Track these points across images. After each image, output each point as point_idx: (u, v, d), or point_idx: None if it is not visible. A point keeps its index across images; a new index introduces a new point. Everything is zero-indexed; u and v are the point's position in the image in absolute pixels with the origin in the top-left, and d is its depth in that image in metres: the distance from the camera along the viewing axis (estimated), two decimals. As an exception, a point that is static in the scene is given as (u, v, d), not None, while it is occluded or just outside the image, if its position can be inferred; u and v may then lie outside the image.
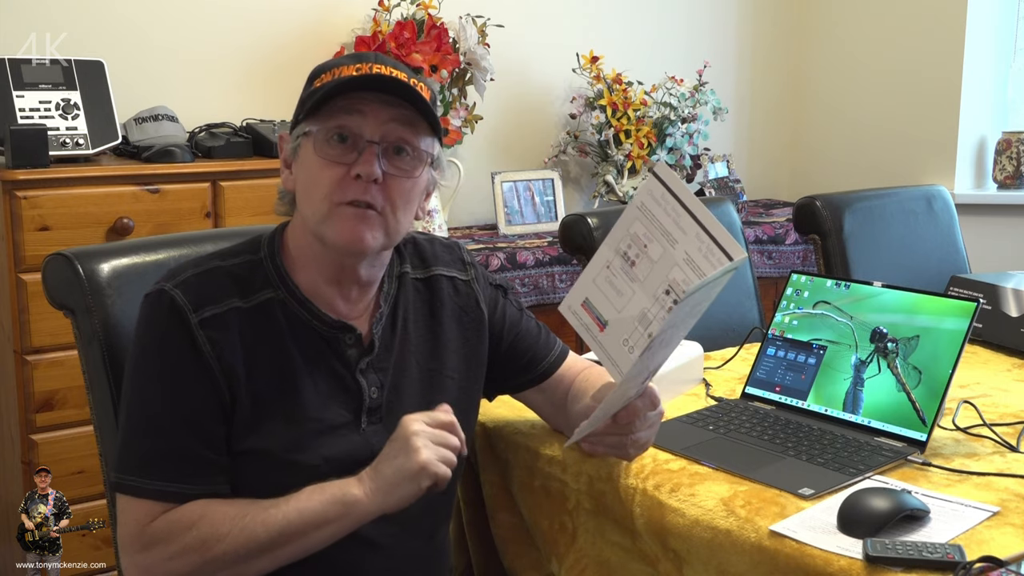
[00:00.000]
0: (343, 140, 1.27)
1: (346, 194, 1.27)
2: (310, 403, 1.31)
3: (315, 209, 1.28)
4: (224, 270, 1.31)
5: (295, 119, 1.33)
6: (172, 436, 1.25)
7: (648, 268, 1.17)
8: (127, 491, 1.26)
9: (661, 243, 1.15)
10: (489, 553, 1.67)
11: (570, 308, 1.27)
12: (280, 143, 1.37)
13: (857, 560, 1.17)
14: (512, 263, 2.95)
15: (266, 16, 3.04)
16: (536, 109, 3.58)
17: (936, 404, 1.53)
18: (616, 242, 1.21)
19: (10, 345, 2.36)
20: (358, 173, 1.26)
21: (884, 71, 3.92)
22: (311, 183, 1.29)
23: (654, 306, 1.16)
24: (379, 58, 1.31)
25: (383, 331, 1.38)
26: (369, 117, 1.27)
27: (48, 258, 1.48)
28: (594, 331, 1.24)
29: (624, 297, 1.20)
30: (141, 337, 1.30)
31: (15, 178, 2.31)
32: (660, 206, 1.16)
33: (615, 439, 1.28)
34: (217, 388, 1.26)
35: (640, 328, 1.17)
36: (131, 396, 1.28)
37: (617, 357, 1.21)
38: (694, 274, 1.12)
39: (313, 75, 1.33)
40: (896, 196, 2.65)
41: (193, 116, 2.82)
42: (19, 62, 2.49)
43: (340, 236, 1.27)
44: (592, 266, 1.24)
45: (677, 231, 1.14)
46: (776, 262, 3.45)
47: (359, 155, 1.26)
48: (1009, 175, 3.73)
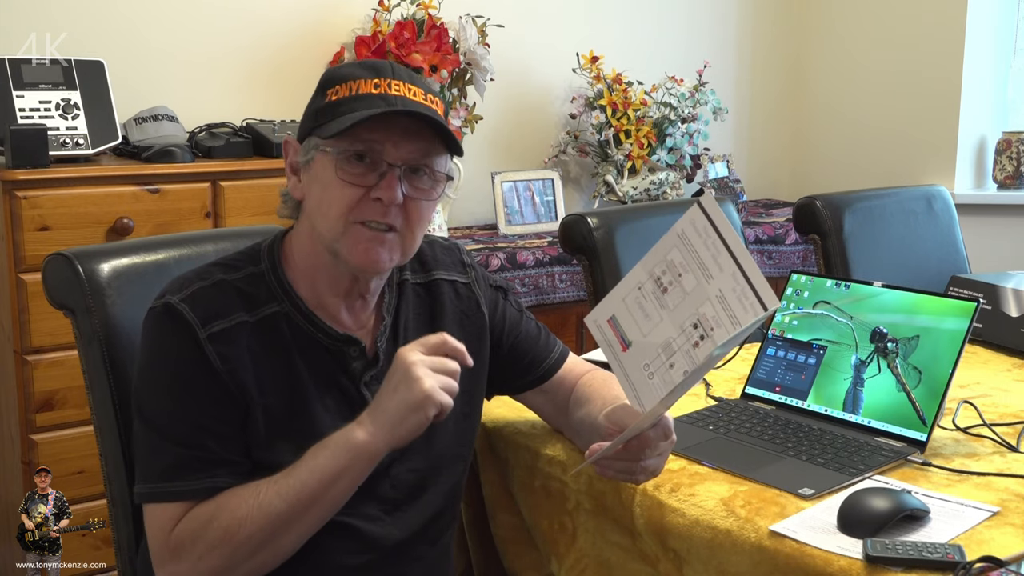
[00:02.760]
0: (363, 160, 1.26)
1: (363, 213, 1.26)
2: (319, 419, 1.30)
3: (330, 226, 1.27)
4: (229, 283, 1.30)
5: (307, 128, 1.31)
6: (192, 442, 1.24)
7: (680, 298, 1.17)
8: (155, 498, 1.25)
9: (696, 275, 1.16)
10: (489, 553, 1.67)
11: (595, 322, 1.27)
12: (285, 148, 1.35)
13: (857, 560, 1.17)
14: (512, 263, 2.95)
15: (266, 16, 3.04)
16: (536, 109, 3.58)
17: (936, 404, 1.53)
18: (651, 266, 1.21)
19: (10, 345, 2.36)
20: (379, 197, 1.26)
21: (884, 71, 3.92)
22: (328, 200, 1.27)
23: (680, 337, 1.16)
24: (395, 70, 1.30)
25: (386, 343, 1.37)
26: (389, 145, 1.26)
27: (48, 258, 1.48)
28: (616, 349, 1.24)
29: (651, 322, 1.20)
30: (150, 352, 1.28)
31: (15, 178, 2.31)
32: (701, 238, 1.16)
33: (625, 464, 1.28)
34: (232, 399, 1.25)
35: (663, 356, 1.18)
36: (145, 410, 1.27)
37: (636, 380, 1.21)
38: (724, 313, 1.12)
39: (325, 84, 1.31)
40: (896, 196, 2.65)
41: (193, 116, 2.82)
42: (19, 62, 2.49)
43: (356, 256, 1.27)
44: (624, 284, 1.24)
45: (714, 267, 1.14)
46: (776, 262, 3.45)
47: (380, 178, 1.26)
48: (1009, 175, 3.73)
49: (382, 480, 1.35)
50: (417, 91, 1.29)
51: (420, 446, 1.38)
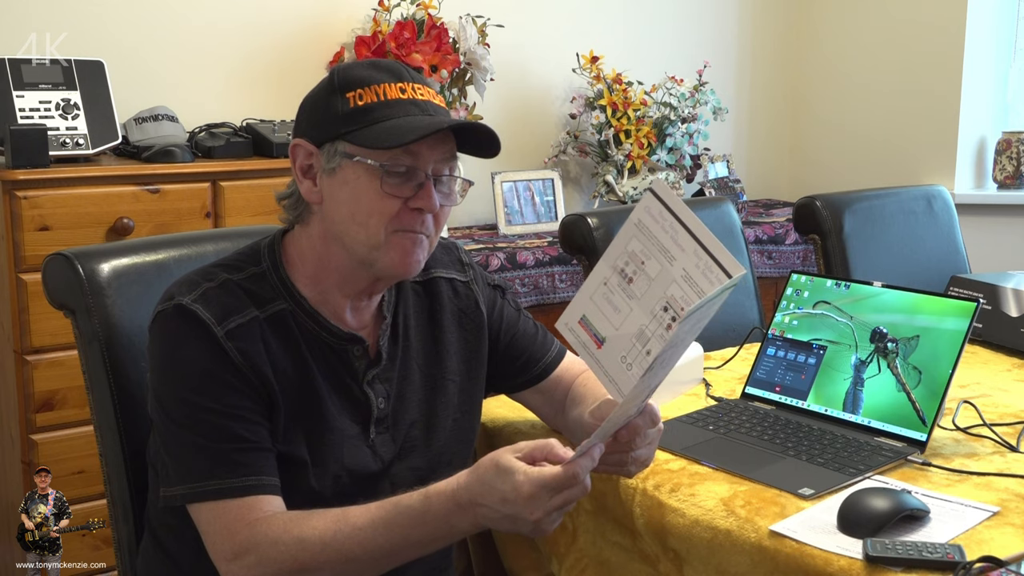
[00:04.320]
0: (400, 173, 1.27)
1: (403, 223, 1.28)
2: (329, 413, 1.31)
3: (369, 235, 1.27)
4: (234, 283, 1.30)
5: (330, 132, 1.28)
6: (226, 436, 1.23)
7: (646, 285, 1.17)
8: (199, 498, 1.23)
9: (659, 260, 1.16)
10: (489, 553, 1.67)
11: (567, 325, 1.26)
12: (295, 151, 1.31)
13: (857, 560, 1.17)
14: (512, 263, 2.95)
15: (266, 16, 3.04)
16: (536, 109, 3.58)
17: (936, 404, 1.53)
18: (613, 259, 1.21)
19: (10, 345, 2.36)
20: (420, 207, 1.27)
21: (884, 71, 3.92)
22: (365, 211, 1.27)
23: (652, 323, 1.16)
24: (413, 75, 1.31)
25: (387, 342, 1.38)
26: (425, 151, 1.27)
27: (48, 258, 1.48)
28: (591, 348, 1.24)
29: (621, 314, 1.20)
30: (168, 355, 1.27)
31: (15, 178, 2.31)
32: (658, 223, 1.16)
33: (616, 457, 1.28)
34: (257, 392, 1.25)
35: (638, 345, 1.17)
36: (172, 412, 1.26)
37: (615, 374, 1.21)
38: (692, 291, 1.12)
39: (343, 87, 1.28)
40: (896, 196, 2.65)
41: (193, 116, 2.82)
42: (19, 62, 2.49)
43: (397, 264, 1.29)
44: (589, 283, 1.24)
45: (675, 248, 1.14)
46: (776, 262, 3.45)
47: (418, 187, 1.27)
48: (1009, 175, 3.73)
49: (382, 479, 1.35)
50: (433, 93, 1.31)
51: (420, 445, 1.39)
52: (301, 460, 1.28)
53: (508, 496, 1.13)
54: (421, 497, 1.18)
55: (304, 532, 1.19)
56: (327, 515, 1.21)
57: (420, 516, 1.18)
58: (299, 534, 1.19)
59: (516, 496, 1.13)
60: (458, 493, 1.17)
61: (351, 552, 1.18)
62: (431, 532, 1.18)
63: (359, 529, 1.19)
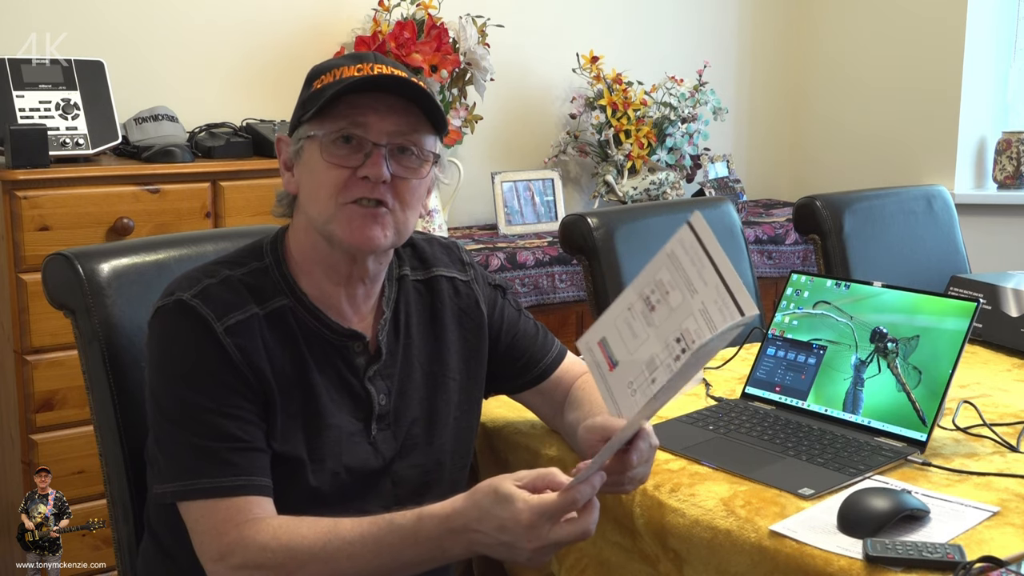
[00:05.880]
0: (348, 141, 1.27)
1: (352, 193, 1.27)
2: (328, 410, 1.31)
3: (321, 209, 1.28)
4: (235, 279, 1.30)
5: (295, 121, 1.32)
6: (218, 434, 1.23)
7: (666, 315, 1.18)
8: (189, 496, 1.23)
9: (682, 291, 1.16)
10: (489, 553, 1.67)
11: (586, 344, 1.28)
12: (278, 145, 1.36)
13: (857, 560, 1.17)
14: (512, 263, 2.95)
15: (266, 16, 3.04)
16: (536, 109, 3.58)
17: (936, 404, 1.53)
18: (641, 286, 1.22)
19: (10, 345, 2.37)
20: (366, 175, 1.26)
21: (884, 71, 3.92)
22: (316, 184, 1.28)
23: (663, 352, 1.17)
24: (378, 58, 1.30)
25: (387, 337, 1.37)
26: (374, 119, 1.26)
27: (48, 258, 1.48)
28: (604, 369, 1.25)
29: (638, 340, 1.21)
30: (165, 350, 1.27)
31: (15, 178, 2.31)
32: (688, 256, 1.16)
33: (612, 477, 1.28)
34: (253, 390, 1.25)
35: (646, 372, 1.18)
36: (166, 407, 1.26)
37: (619, 398, 1.22)
38: (706, 325, 1.13)
39: (312, 76, 1.32)
40: (896, 196, 2.65)
41: (193, 116, 2.82)
42: (19, 62, 2.49)
43: (349, 235, 1.27)
44: (615, 307, 1.25)
45: (699, 282, 1.15)
46: (776, 262, 3.45)
47: (366, 157, 1.26)
48: (1009, 175, 3.73)
49: (383, 476, 1.35)
50: (400, 72, 1.29)
51: (421, 443, 1.39)
52: (298, 458, 1.28)
53: (507, 524, 1.13)
54: (414, 518, 1.18)
55: (293, 540, 1.18)
56: (318, 525, 1.20)
57: (412, 536, 1.17)
58: (288, 542, 1.18)
59: (515, 524, 1.12)
60: (452, 518, 1.16)
61: (339, 565, 1.18)
62: (422, 554, 1.17)
63: (349, 543, 1.18)
